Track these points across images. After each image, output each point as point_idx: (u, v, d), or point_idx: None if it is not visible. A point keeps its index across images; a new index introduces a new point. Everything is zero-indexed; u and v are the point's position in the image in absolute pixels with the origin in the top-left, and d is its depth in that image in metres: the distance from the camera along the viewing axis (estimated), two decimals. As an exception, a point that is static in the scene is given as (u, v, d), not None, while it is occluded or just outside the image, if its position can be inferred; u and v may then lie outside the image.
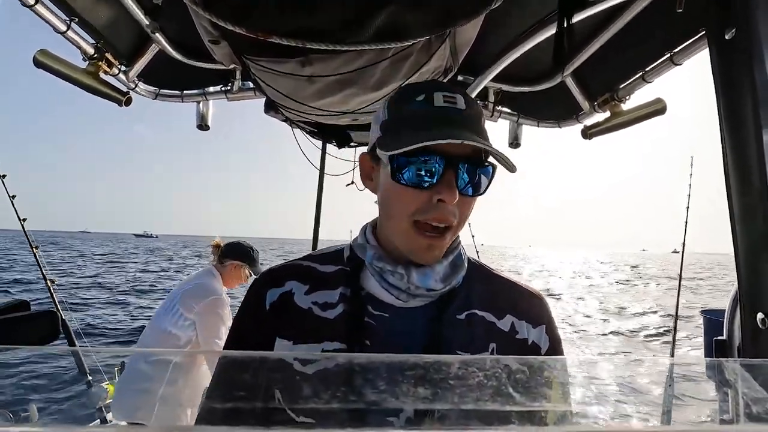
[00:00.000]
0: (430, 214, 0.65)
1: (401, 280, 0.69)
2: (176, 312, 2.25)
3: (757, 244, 0.81)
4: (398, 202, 0.68)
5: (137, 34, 1.42)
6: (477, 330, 0.72)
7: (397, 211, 0.68)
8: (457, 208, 0.67)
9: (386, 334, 0.69)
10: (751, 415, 0.38)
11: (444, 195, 0.63)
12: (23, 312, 1.34)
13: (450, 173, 0.64)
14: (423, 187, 0.65)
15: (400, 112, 0.70)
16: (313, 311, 0.72)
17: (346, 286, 0.73)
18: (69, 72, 1.34)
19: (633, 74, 1.43)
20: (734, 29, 0.84)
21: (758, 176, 0.80)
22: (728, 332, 1.01)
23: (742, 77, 0.83)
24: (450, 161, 0.64)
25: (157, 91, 1.75)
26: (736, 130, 0.85)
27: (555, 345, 0.76)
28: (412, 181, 0.65)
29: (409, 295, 0.70)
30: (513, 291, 0.79)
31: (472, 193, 0.68)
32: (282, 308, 0.73)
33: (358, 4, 0.94)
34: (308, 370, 0.62)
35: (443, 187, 0.64)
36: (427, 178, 0.64)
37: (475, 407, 0.38)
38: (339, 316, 0.71)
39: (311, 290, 0.74)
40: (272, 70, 1.17)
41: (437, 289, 0.70)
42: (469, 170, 0.66)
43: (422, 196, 0.65)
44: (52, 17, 1.18)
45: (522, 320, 0.74)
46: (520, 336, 0.73)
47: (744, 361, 0.41)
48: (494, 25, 1.23)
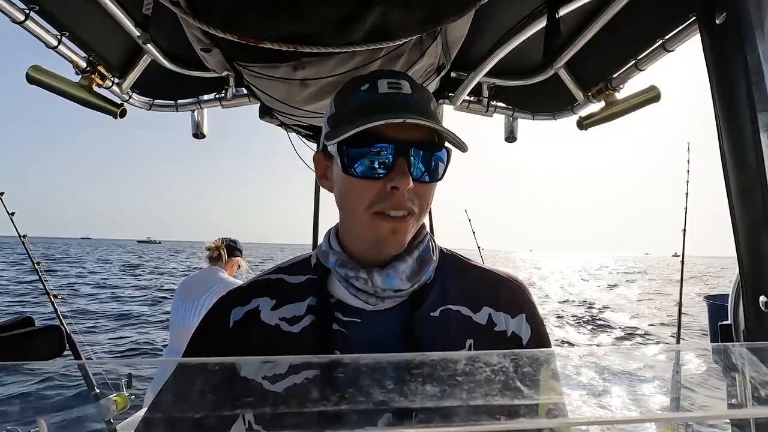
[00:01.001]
0: (387, 203, 0.63)
1: (366, 284, 0.67)
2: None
3: (756, 226, 0.81)
4: (353, 196, 0.66)
5: (129, 45, 1.42)
6: (453, 326, 0.70)
7: (354, 205, 0.66)
8: (414, 196, 0.65)
9: (358, 340, 0.67)
10: (760, 399, 0.37)
11: (397, 182, 0.62)
12: (27, 328, 1.34)
13: (401, 160, 0.63)
14: (375, 177, 0.63)
15: (345, 103, 0.69)
16: (280, 327, 0.69)
17: (314, 296, 0.71)
18: (62, 86, 1.34)
19: (626, 63, 1.43)
20: (724, 13, 0.84)
21: (755, 159, 0.80)
22: (733, 317, 1.01)
23: (734, 61, 0.83)
24: (400, 148, 0.62)
25: (151, 102, 1.75)
26: (731, 113, 0.85)
27: (538, 332, 0.74)
28: (364, 173, 0.64)
29: (378, 298, 0.68)
30: (489, 281, 0.76)
31: (428, 180, 0.66)
32: (246, 327, 0.71)
33: (348, 6, 0.94)
34: (277, 387, 0.62)
35: (396, 174, 0.62)
36: (380, 169, 0.63)
37: (455, 404, 0.38)
38: (306, 329, 0.68)
39: (278, 305, 0.71)
40: (265, 76, 1.17)
41: (404, 289, 0.68)
42: (423, 156, 0.64)
43: (376, 187, 0.64)
44: (43, 32, 1.17)
45: (500, 311, 0.72)
46: (499, 328, 0.71)
47: (750, 345, 0.41)
48: (485, 20, 1.23)
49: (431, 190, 0.68)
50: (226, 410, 0.45)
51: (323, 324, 0.68)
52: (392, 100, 0.65)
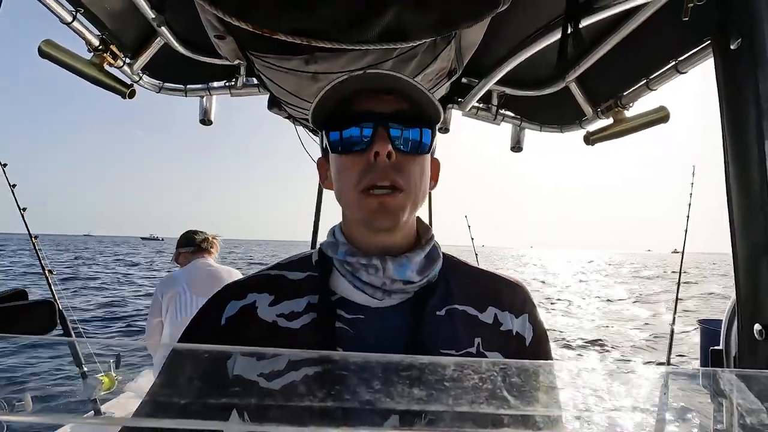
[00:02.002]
0: (372, 175, 0.65)
1: (376, 273, 0.67)
2: None
3: (756, 254, 0.81)
4: (343, 173, 0.68)
5: (143, 27, 1.42)
6: (459, 325, 0.69)
7: (345, 184, 0.68)
8: (399, 170, 0.66)
9: (362, 338, 0.66)
10: (746, 426, 0.37)
11: (376, 147, 0.64)
12: (21, 301, 1.34)
13: (381, 130, 0.66)
14: (359, 150, 0.66)
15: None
16: (278, 323, 0.68)
17: (315, 293, 0.70)
18: (73, 63, 1.34)
19: (637, 81, 1.43)
20: (740, 39, 0.84)
21: (759, 187, 0.80)
22: (725, 342, 1.01)
23: (746, 87, 0.83)
24: (379, 120, 0.66)
25: (161, 85, 1.75)
26: (739, 139, 0.85)
27: (539, 334, 0.74)
28: (349, 147, 0.67)
29: (385, 292, 0.67)
30: (492, 282, 0.76)
31: (410, 149, 0.68)
32: (240, 323, 0.69)
33: (364, 3, 0.94)
34: (274, 385, 0.60)
35: (375, 141, 0.65)
36: (363, 141, 0.66)
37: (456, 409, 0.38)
38: (306, 326, 0.67)
39: (277, 301, 0.70)
40: (277, 67, 1.17)
41: (415, 281, 0.68)
42: (403, 126, 0.67)
43: (361, 160, 0.66)
44: (58, 8, 1.18)
45: (505, 311, 0.72)
46: (504, 328, 0.71)
47: (739, 372, 0.41)
48: (499, 28, 1.23)
49: (416, 164, 0.69)
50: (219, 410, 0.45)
51: (325, 321, 0.67)
52: (365, 71, 0.68)
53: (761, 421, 0.37)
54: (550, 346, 0.77)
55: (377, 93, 0.68)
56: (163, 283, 2.69)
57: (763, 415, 0.37)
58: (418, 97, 0.68)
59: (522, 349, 0.71)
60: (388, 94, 0.68)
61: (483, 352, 0.68)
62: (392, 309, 0.68)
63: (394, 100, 0.68)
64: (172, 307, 2.56)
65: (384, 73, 0.66)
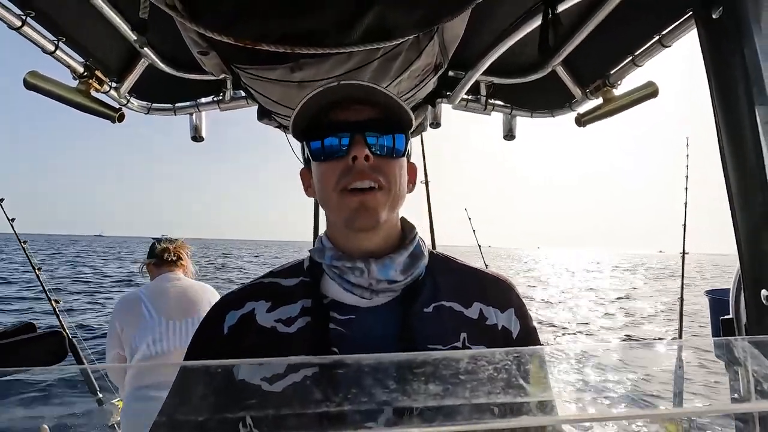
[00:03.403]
0: (351, 175, 0.69)
1: (362, 275, 0.70)
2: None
3: (757, 221, 0.81)
4: (324, 179, 0.72)
5: (126, 50, 1.42)
6: (446, 321, 0.72)
7: (327, 188, 0.71)
8: (378, 170, 0.70)
9: (354, 337, 0.69)
10: (763, 392, 0.37)
11: (354, 152, 0.68)
12: (29, 334, 1.34)
13: (358, 137, 0.69)
14: (338, 156, 0.70)
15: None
16: (276, 329, 0.71)
17: (308, 297, 0.73)
18: (60, 92, 1.34)
19: (623, 59, 1.43)
20: (721, 8, 0.84)
21: (754, 154, 0.80)
22: (734, 311, 1.01)
23: (731, 56, 0.83)
24: (355, 128, 0.70)
25: (149, 106, 1.75)
26: (729, 108, 0.85)
27: (527, 327, 0.77)
28: (329, 154, 0.71)
29: (373, 291, 0.70)
30: (478, 278, 0.79)
31: (384, 153, 0.71)
32: (242, 331, 0.72)
33: (344, 7, 0.94)
34: (276, 387, 0.63)
35: (353, 146, 0.69)
36: (342, 148, 0.70)
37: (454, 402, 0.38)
38: (301, 330, 0.70)
39: (273, 307, 0.73)
40: (262, 78, 1.17)
41: (399, 280, 0.71)
42: (378, 133, 0.71)
43: (340, 164, 0.70)
44: (40, 38, 1.17)
45: (490, 306, 0.75)
46: (490, 322, 0.74)
47: (752, 339, 0.41)
48: (482, 18, 1.23)
49: (393, 166, 0.73)
50: (229, 414, 0.45)
51: (319, 324, 0.69)
52: (338, 83, 0.72)
53: (778, 386, 0.37)
54: (539, 339, 0.79)
55: (352, 102, 0.71)
56: (121, 307, 2.18)
57: (778, 379, 0.37)
58: (389, 104, 0.72)
59: (509, 342, 0.74)
60: (362, 102, 0.72)
61: (469, 346, 0.71)
62: (381, 308, 0.71)
63: (368, 108, 0.71)
64: (137, 334, 2.08)
65: (357, 84, 0.69)
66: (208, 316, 0.77)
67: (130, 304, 2.16)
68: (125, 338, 2.10)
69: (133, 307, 2.13)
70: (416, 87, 1.33)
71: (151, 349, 2.05)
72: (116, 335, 2.13)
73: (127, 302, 2.19)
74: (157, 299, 2.16)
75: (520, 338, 0.75)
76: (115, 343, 2.14)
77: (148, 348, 2.05)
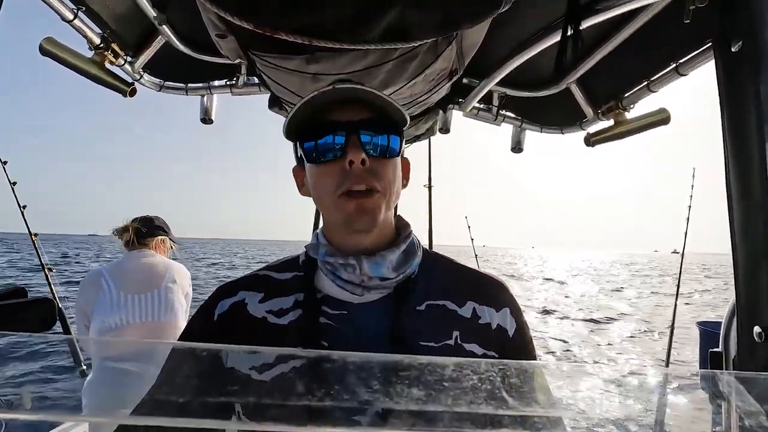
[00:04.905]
0: (348, 179, 0.69)
1: (354, 272, 0.70)
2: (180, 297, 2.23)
3: (756, 257, 0.81)
4: (321, 182, 0.72)
5: (144, 25, 1.42)
6: (438, 319, 0.72)
7: (324, 192, 0.72)
8: (374, 173, 0.70)
9: (345, 332, 0.69)
10: (744, 428, 0.37)
11: (350, 155, 0.68)
12: (20, 299, 1.34)
13: (353, 138, 0.69)
14: (334, 158, 0.70)
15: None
16: (267, 320, 0.72)
17: (301, 291, 0.74)
18: (74, 60, 1.34)
19: (638, 83, 1.44)
20: (741, 42, 0.84)
21: (760, 189, 0.80)
22: (724, 344, 1.01)
23: (747, 90, 0.83)
24: (350, 129, 0.69)
25: (162, 83, 1.75)
26: (740, 142, 0.85)
27: (521, 328, 0.77)
28: (324, 156, 0.70)
29: (364, 288, 0.70)
30: (472, 278, 0.79)
31: (380, 154, 0.71)
32: (231, 319, 0.73)
33: (365, 4, 0.94)
34: (265, 377, 0.63)
35: (349, 149, 0.68)
36: (337, 149, 0.70)
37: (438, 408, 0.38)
38: (293, 322, 0.71)
39: (266, 298, 0.74)
40: (278, 66, 1.17)
41: (391, 278, 0.71)
42: (373, 133, 0.71)
43: (337, 167, 0.70)
44: (60, 5, 1.18)
45: (484, 305, 0.75)
46: (483, 321, 0.73)
47: (738, 374, 0.41)
48: (501, 28, 1.23)
49: (389, 167, 0.72)
50: (222, 399, 0.46)
51: (311, 317, 0.70)
52: (333, 87, 0.72)
53: (760, 424, 0.37)
54: (531, 337, 0.80)
55: (345, 103, 0.72)
56: (84, 282, 2.20)
57: (762, 417, 0.37)
58: (383, 105, 0.72)
59: (505, 340, 0.74)
60: (354, 102, 0.72)
61: (461, 344, 0.71)
62: (373, 304, 0.72)
63: (361, 108, 0.71)
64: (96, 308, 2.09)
65: (350, 87, 0.70)
66: (203, 305, 0.79)
67: (91, 279, 2.19)
68: (88, 312, 2.14)
69: (95, 282, 2.16)
70: (430, 91, 1.33)
71: (106, 323, 2.07)
72: (80, 310, 2.17)
73: (90, 277, 2.21)
74: (117, 274, 2.18)
75: (515, 337, 0.75)
76: (80, 317, 2.19)
77: (102, 322, 2.07)
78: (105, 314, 2.07)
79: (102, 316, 2.08)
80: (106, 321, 2.07)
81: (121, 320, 2.07)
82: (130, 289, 2.13)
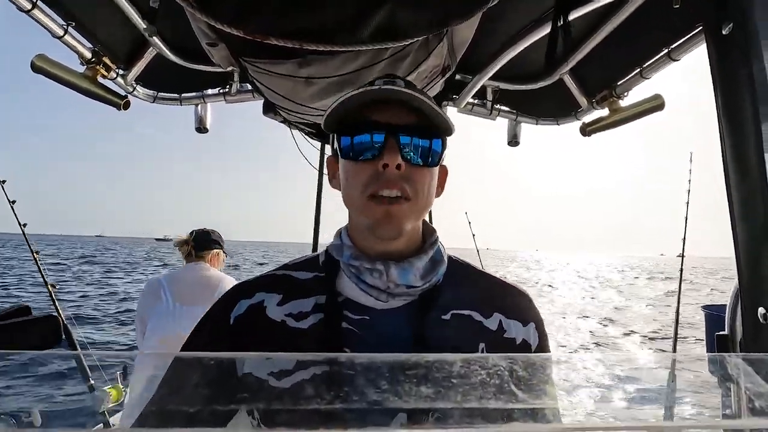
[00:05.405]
0: (380, 181, 0.66)
1: (380, 278, 0.67)
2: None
3: (757, 238, 0.81)
4: (351, 179, 0.69)
5: (134, 37, 1.42)
6: (464, 329, 0.70)
7: (353, 189, 0.69)
8: (407, 179, 0.67)
9: (367, 338, 0.67)
10: (755, 410, 0.37)
11: (387, 158, 0.65)
12: (24, 317, 1.34)
13: (392, 141, 0.66)
14: (369, 158, 0.67)
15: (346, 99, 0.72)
16: (286, 323, 0.69)
17: (321, 293, 0.71)
18: (67, 76, 1.34)
19: (631, 71, 1.43)
20: (731, 24, 0.84)
21: (757, 170, 0.80)
22: (730, 327, 1.01)
23: (739, 72, 0.83)
24: (391, 131, 0.66)
25: (155, 95, 1.75)
26: (735, 124, 0.85)
27: (543, 342, 0.76)
28: (359, 154, 0.68)
29: (389, 294, 0.68)
30: (499, 289, 0.77)
31: (417, 161, 0.68)
32: (249, 322, 0.70)
33: (355, 5, 0.94)
34: (284, 384, 0.61)
35: (385, 152, 0.66)
36: (374, 150, 0.67)
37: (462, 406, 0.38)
38: (314, 326, 0.68)
39: (285, 300, 0.71)
40: (270, 72, 1.17)
41: (418, 285, 0.69)
42: (414, 139, 0.68)
43: (370, 167, 0.67)
44: (50, 22, 1.18)
45: (510, 319, 0.73)
46: (508, 335, 0.72)
47: (746, 356, 0.41)
48: (491, 23, 1.23)
49: (425, 176, 0.69)
50: (223, 406, 0.45)
51: (332, 322, 0.68)
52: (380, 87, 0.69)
53: (770, 404, 0.37)
54: (548, 342, 0.79)
55: (389, 103, 0.68)
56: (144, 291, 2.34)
57: (771, 398, 0.37)
58: (428, 111, 0.68)
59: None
60: (399, 105, 0.68)
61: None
62: (397, 311, 0.69)
63: (405, 111, 0.68)
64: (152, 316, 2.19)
65: (398, 90, 0.66)
66: (218, 301, 0.76)
67: (151, 288, 2.31)
68: (145, 320, 2.23)
69: (154, 292, 2.27)
70: (423, 89, 1.33)
71: (157, 332, 2.14)
72: (139, 318, 2.27)
73: (149, 286, 2.34)
74: (174, 284, 2.30)
75: (536, 351, 0.74)
76: (138, 324, 2.28)
77: (153, 331, 2.15)
78: (160, 323, 2.16)
79: (157, 324, 2.16)
80: (158, 330, 2.14)
81: (173, 330, 2.14)
82: (185, 300, 2.23)
